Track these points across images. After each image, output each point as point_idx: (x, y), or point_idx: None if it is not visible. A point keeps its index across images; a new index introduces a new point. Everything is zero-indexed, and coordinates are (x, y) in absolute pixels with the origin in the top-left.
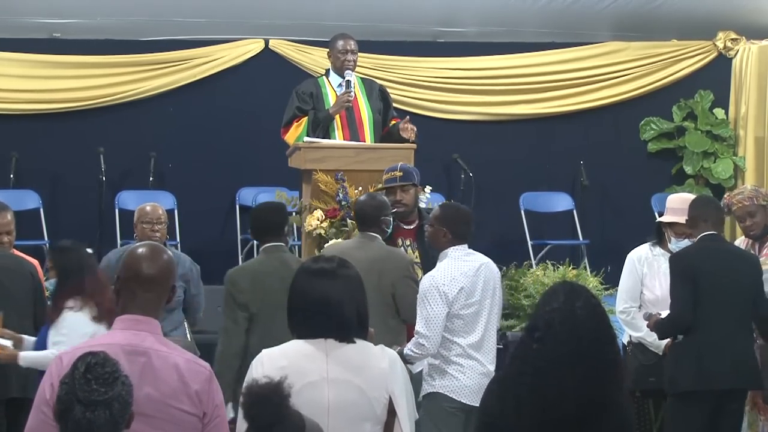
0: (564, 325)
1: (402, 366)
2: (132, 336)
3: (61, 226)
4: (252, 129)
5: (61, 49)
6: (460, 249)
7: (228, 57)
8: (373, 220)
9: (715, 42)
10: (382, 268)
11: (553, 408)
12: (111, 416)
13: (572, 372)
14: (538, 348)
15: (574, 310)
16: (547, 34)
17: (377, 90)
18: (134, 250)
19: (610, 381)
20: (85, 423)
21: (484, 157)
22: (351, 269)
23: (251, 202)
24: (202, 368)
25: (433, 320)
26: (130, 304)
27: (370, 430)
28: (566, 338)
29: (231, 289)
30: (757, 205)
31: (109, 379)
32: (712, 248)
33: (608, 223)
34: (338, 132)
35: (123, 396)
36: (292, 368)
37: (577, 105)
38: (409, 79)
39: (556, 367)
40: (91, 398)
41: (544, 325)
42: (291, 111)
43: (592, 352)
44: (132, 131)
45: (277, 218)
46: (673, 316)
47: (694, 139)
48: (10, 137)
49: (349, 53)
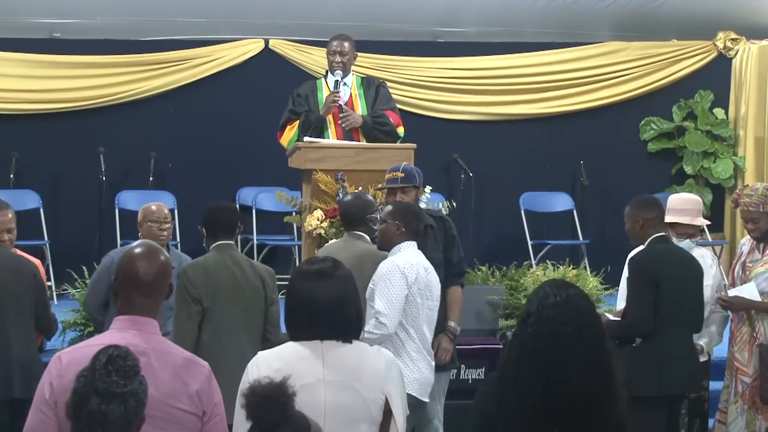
0: (558, 307)
1: (397, 366)
2: (131, 336)
3: (61, 226)
4: (252, 129)
5: (61, 49)
6: (413, 245)
7: (228, 57)
8: (358, 219)
9: (715, 42)
10: (362, 265)
11: (559, 390)
12: (126, 412)
13: (574, 352)
14: (534, 332)
15: (566, 295)
16: (547, 34)
17: (375, 85)
18: (130, 252)
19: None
20: (100, 416)
21: (484, 157)
22: (344, 270)
23: (251, 202)
24: (202, 367)
25: (394, 300)
26: (128, 306)
27: (366, 431)
28: (564, 318)
29: (185, 283)
30: (761, 212)
31: (129, 372)
32: (668, 252)
33: (608, 223)
34: (331, 132)
35: (139, 394)
36: (287, 370)
37: (577, 105)
38: (410, 79)
39: (555, 347)
40: (109, 389)
41: (536, 310)
42: (286, 114)
43: (590, 335)
44: (132, 131)
45: (230, 218)
46: (633, 321)
47: (694, 139)
48: (10, 137)
49: (337, 54)
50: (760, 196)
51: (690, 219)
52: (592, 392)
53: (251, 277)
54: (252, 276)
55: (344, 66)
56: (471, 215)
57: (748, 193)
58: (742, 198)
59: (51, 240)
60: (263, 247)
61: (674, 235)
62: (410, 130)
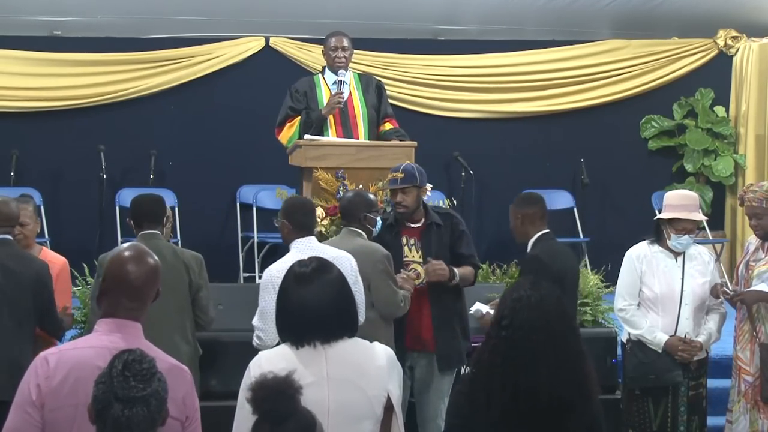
0: (532, 311)
1: (398, 363)
2: (117, 340)
3: (61, 224)
4: (252, 127)
5: (61, 47)
6: (304, 241)
7: (228, 55)
8: (353, 215)
9: (715, 40)
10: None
11: (525, 398)
12: (149, 413)
13: (545, 359)
14: (507, 336)
15: (540, 297)
16: (548, 31)
17: (374, 85)
18: (119, 254)
19: (580, 374)
20: (125, 421)
21: (484, 154)
22: (334, 269)
23: (252, 200)
24: (185, 373)
25: (267, 313)
26: (114, 309)
27: (369, 428)
28: (537, 325)
29: (101, 272)
30: (765, 208)
31: (146, 375)
32: (557, 249)
33: (609, 220)
34: (331, 130)
35: (159, 392)
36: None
37: (577, 103)
38: (410, 76)
39: (527, 355)
40: (130, 395)
41: (510, 312)
42: (284, 111)
43: (561, 341)
44: (132, 129)
45: (153, 208)
46: None
47: (695, 136)
48: (10, 135)
49: (339, 50)
50: (765, 193)
51: (687, 214)
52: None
53: (173, 263)
54: (174, 263)
55: (347, 62)
56: (471, 213)
57: (753, 189)
58: (747, 193)
59: (51, 238)
60: (263, 245)
61: (673, 232)
62: (411, 128)
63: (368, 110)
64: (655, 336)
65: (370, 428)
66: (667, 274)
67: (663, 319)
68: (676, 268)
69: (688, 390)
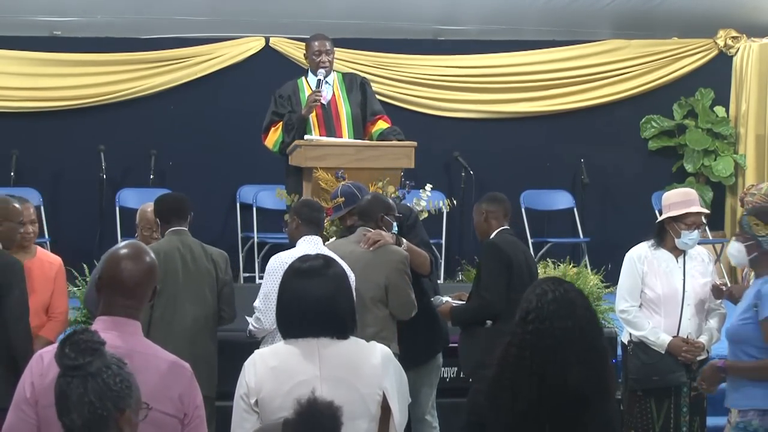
0: (557, 302)
1: (395, 361)
2: (114, 337)
3: (61, 224)
4: (252, 127)
5: (61, 47)
6: (313, 239)
7: (228, 55)
8: (370, 216)
9: (715, 40)
10: (376, 261)
11: (552, 389)
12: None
13: (572, 346)
14: (534, 329)
15: (564, 289)
16: (548, 32)
17: (358, 83)
18: (116, 253)
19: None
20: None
21: (484, 154)
22: (337, 266)
23: (252, 200)
24: (184, 369)
25: (270, 296)
26: (110, 307)
27: (364, 427)
28: (563, 313)
29: None
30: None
31: (82, 346)
32: (510, 240)
33: (609, 221)
34: (314, 130)
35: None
36: (283, 367)
37: (577, 103)
38: (410, 76)
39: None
40: (63, 363)
41: (536, 306)
42: (269, 116)
43: (587, 330)
44: (132, 129)
45: (180, 205)
46: (484, 303)
47: (695, 137)
48: (10, 135)
49: (323, 54)
50: (764, 195)
51: (696, 207)
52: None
53: (202, 259)
54: (203, 258)
55: (331, 66)
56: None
57: (752, 192)
58: (747, 195)
59: (51, 238)
60: (263, 245)
61: (684, 228)
62: (410, 128)
63: (352, 109)
64: (658, 337)
65: (365, 427)
66: (668, 275)
67: (665, 319)
68: (678, 269)
69: (690, 390)
